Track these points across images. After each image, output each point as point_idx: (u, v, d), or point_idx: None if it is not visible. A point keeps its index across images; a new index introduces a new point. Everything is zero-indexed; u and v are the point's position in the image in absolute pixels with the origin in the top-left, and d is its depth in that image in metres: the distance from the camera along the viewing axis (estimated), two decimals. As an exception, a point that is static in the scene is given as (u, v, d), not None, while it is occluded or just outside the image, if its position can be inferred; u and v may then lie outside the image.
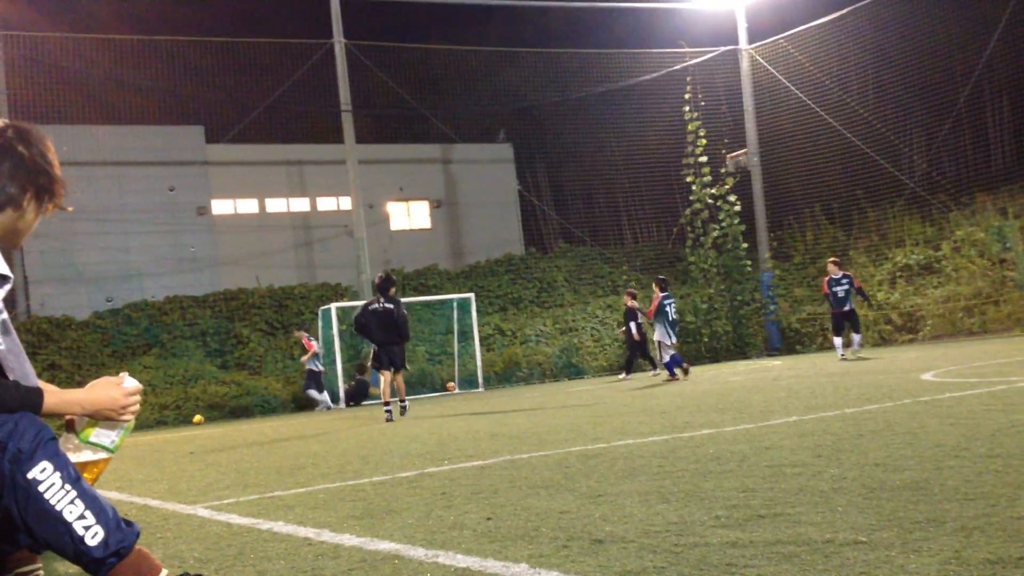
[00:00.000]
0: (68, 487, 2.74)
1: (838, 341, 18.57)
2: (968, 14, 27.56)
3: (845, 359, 17.58)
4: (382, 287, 14.30)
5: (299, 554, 3.81)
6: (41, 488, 2.71)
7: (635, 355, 21.77)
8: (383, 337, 14.04)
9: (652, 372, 20.81)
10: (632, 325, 21.03)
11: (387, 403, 13.78)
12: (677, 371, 17.34)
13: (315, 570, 3.45)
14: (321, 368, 21.90)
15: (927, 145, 29.04)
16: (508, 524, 3.92)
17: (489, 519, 4.10)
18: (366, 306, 14.45)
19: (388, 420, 13.40)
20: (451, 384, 23.99)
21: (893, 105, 28.34)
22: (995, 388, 8.04)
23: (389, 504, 4.91)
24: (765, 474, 4.59)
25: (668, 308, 17.71)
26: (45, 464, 2.74)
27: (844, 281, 18.14)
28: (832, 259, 19.00)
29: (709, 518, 3.60)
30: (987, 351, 15.31)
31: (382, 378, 14.25)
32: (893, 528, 3.07)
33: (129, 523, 2.87)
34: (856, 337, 18.61)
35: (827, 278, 18.44)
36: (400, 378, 14.39)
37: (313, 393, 21.65)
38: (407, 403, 14.56)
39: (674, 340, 17.95)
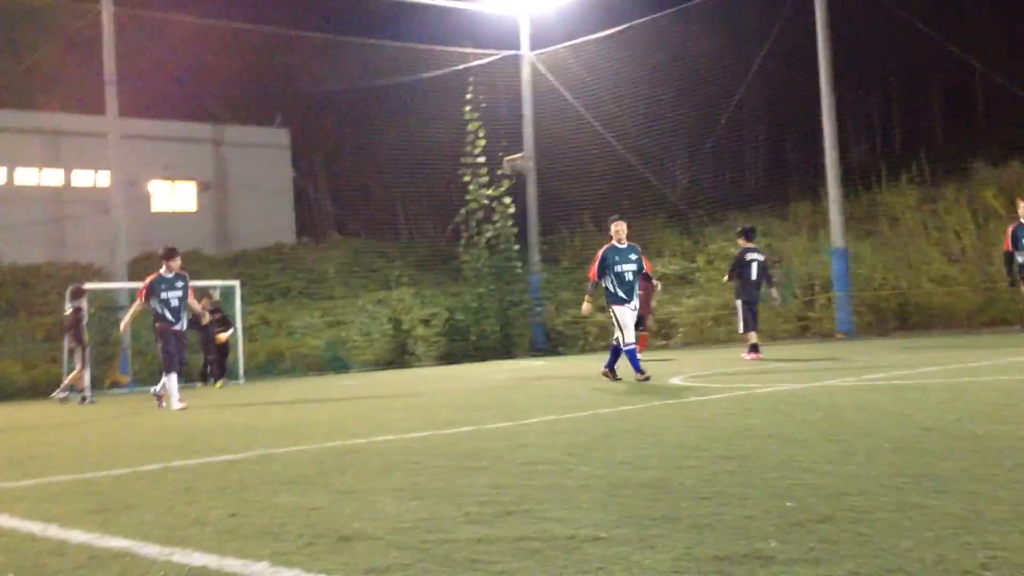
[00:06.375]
0: None
1: None
2: (733, 43, 29.32)
3: None
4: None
5: (20, 550, 3.52)
6: None
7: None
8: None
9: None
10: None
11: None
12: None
13: (36, 568, 3.19)
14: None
15: (689, 162, 30.70)
16: (253, 521, 3.77)
17: (233, 516, 3.93)
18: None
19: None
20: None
21: (662, 121, 29.68)
22: (735, 394, 8.56)
23: (126, 499, 4.62)
24: (518, 471, 4.66)
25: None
26: None
27: None
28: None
29: (459, 514, 3.60)
30: (731, 359, 16.31)
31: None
32: (632, 525, 3.18)
33: None
34: None
35: (1012, 228, 13.98)
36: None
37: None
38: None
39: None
